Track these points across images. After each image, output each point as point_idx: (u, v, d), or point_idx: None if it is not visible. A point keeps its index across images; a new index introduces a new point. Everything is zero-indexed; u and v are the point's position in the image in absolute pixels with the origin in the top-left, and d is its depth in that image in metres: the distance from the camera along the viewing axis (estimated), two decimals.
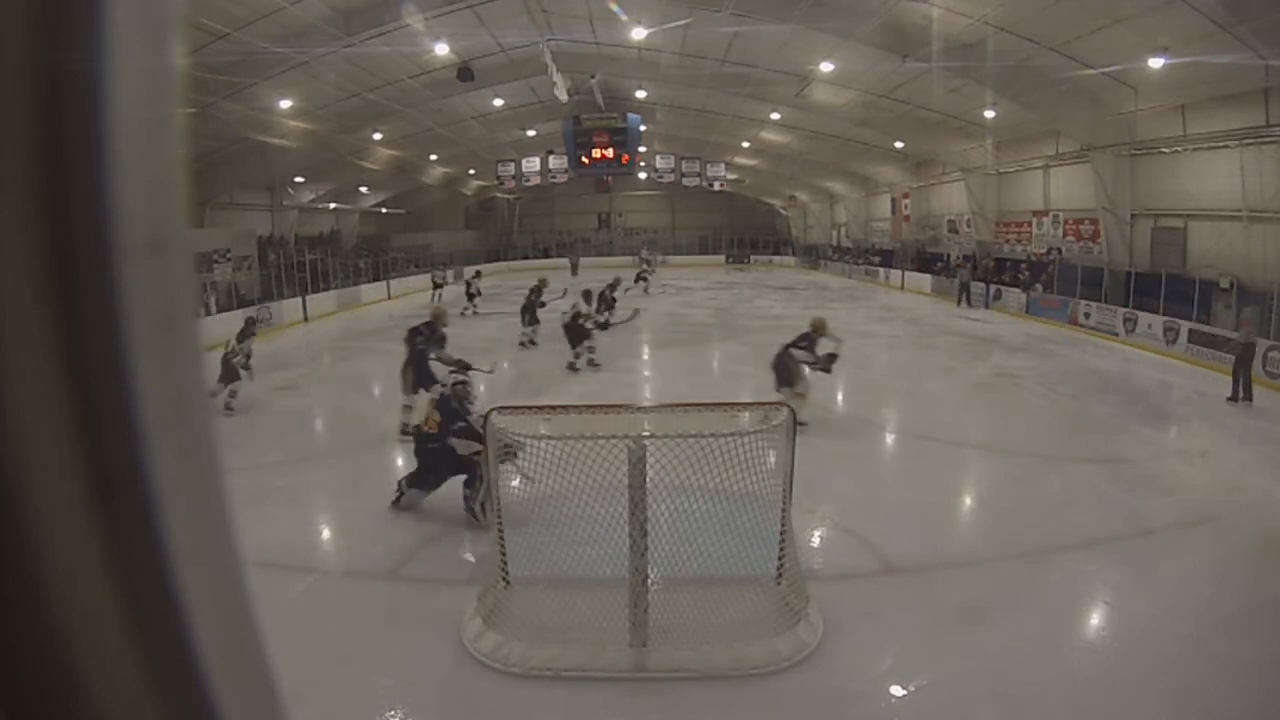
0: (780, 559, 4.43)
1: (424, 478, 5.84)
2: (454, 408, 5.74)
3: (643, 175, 34.08)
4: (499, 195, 39.22)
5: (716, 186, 33.90)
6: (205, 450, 0.49)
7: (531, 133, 28.57)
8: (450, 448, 5.61)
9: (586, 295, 12.44)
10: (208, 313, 16.09)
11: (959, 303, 21.08)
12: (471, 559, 5.20)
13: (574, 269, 31.49)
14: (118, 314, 0.42)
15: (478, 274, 20.92)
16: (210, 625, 0.48)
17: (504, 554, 4.51)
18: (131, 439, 0.43)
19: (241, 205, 24.01)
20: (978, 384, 11.30)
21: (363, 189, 30.58)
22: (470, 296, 19.34)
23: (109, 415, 0.43)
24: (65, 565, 0.42)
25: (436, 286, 22.56)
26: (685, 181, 33.03)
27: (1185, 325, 13.37)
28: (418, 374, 8.02)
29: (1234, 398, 10.01)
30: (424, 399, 7.42)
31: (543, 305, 13.80)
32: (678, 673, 3.80)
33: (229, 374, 9.02)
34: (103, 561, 0.43)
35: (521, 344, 13.76)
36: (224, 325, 15.84)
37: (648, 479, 3.91)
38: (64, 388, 0.41)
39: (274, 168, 22.73)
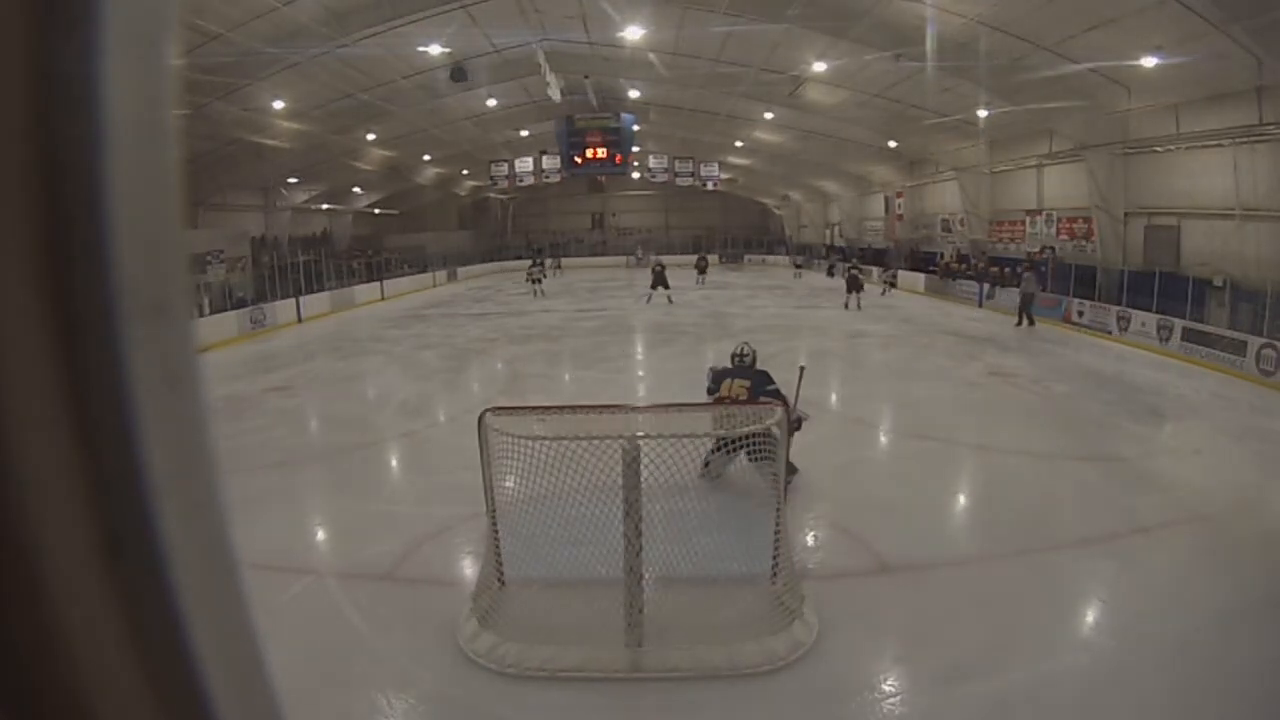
0: (775, 558, 4.44)
1: None
2: None
3: (636, 175, 34.11)
4: (493, 195, 39.19)
5: (710, 186, 33.96)
6: (201, 450, 0.49)
7: (525, 133, 28.53)
8: None
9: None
10: (201, 314, 16.08)
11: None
12: (467, 559, 5.20)
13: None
14: (113, 311, 0.42)
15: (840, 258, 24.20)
16: (206, 627, 0.47)
17: (499, 554, 4.50)
18: (129, 439, 0.43)
19: (235, 206, 23.92)
20: (972, 382, 11.32)
21: (356, 190, 30.50)
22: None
23: (107, 415, 0.42)
24: (62, 566, 0.41)
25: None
26: (679, 181, 33.07)
27: (1179, 323, 13.43)
28: None
29: (1019, 324, 15.90)
30: None
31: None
32: (673, 672, 3.80)
33: None
34: (99, 563, 0.43)
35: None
36: (217, 326, 15.90)
37: (642, 479, 3.91)
38: (59, 393, 0.41)
39: (267, 168, 22.66)
